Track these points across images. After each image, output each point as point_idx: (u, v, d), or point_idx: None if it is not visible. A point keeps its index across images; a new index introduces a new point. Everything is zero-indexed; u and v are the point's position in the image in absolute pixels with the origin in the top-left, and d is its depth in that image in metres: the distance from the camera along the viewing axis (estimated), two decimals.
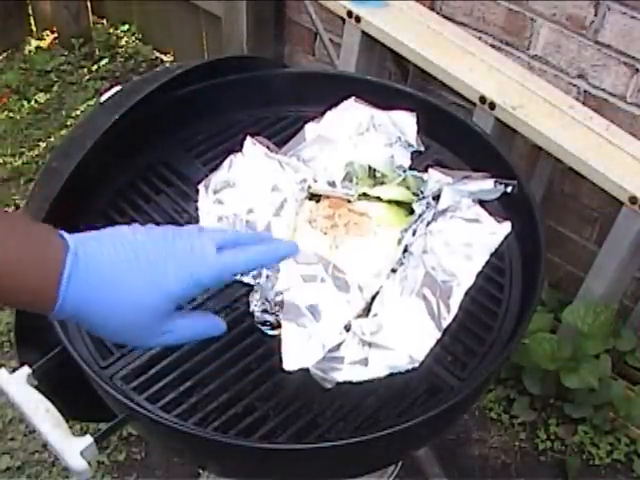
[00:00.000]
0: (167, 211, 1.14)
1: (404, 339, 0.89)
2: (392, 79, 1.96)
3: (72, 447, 0.88)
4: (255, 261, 0.77)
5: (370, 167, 1.10)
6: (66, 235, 0.71)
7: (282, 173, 1.06)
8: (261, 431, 0.91)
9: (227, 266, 0.74)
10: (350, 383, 0.86)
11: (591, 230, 1.84)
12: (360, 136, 1.11)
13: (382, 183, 1.10)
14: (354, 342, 0.89)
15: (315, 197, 1.08)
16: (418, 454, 1.58)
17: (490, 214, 0.99)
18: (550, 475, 1.76)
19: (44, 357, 0.96)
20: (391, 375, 0.87)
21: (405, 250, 0.99)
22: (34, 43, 2.84)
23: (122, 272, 0.71)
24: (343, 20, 1.83)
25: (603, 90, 1.65)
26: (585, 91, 1.68)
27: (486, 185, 1.02)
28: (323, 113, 1.14)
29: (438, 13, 1.83)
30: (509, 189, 1.01)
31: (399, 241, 1.01)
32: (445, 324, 0.90)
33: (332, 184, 1.07)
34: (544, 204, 1.82)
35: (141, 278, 0.71)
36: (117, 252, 0.71)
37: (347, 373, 0.87)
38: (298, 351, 0.87)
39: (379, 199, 1.07)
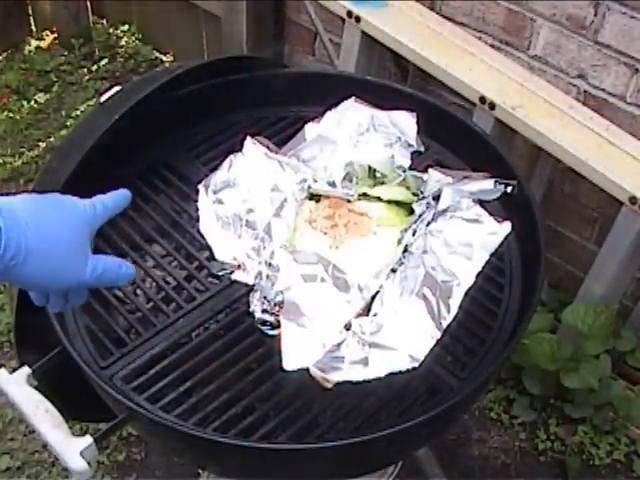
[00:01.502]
0: (167, 211, 1.14)
1: (404, 339, 0.89)
2: (392, 79, 1.96)
3: (72, 447, 0.88)
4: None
5: (370, 167, 1.10)
6: None
7: (282, 173, 1.06)
8: (261, 431, 0.91)
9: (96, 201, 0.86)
10: (350, 383, 0.86)
11: (591, 230, 1.84)
12: (360, 136, 1.11)
13: (382, 183, 1.10)
14: (354, 342, 0.89)
15: (315, 197, 1.08)
16: (418, 454, 1.58)
17: (490, 214, 0.99)
18: (550, 475, 1.76)
19: (44, 357, 0.96)
20: (391, 375, 0.87)
21: (405, 250, 0.99)
22: (34, 43, 2.83)
23: (41, 209, 0.79)
24: (343, 20, 1.83)
25: (603, 90, 1.65)
26: (585, 91, 1.68)
27: (486, 185, 1.02)
28: (323, 113, 1.14)
29: (438, 13, 1.83)
30: (509, 189, 1.01)
31: (399, 241, 1.01)
32: (445, 324, 0.90)
33: (332, 184, 1.07)
34: (544, 204, 1.82)
35: (57, 213, 0.80)
36: (26, 198, 0.80)
37: (347, 373, 0.87)
38: (298, 351, 0.87)
39: (379, 199, 1.07)
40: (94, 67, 2.76)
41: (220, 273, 0.99)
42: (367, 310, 0.93)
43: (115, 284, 0.90)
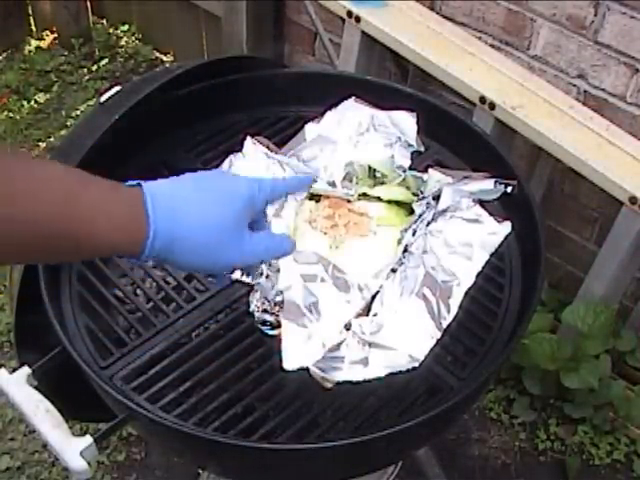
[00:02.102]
0: None
1: (404, 339, 0.89)
2: (392, 79, 1.96)
3: (72, 447, 0.88)
4: None
5: (370, 167, 1.09)
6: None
7: (282, 173, 1.06)
8: (261, 431, 0.91)
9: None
10: (350, 383, 0.86)
11: (591, 230, 1.84)
12: (360, 136, 1.11)
13: (382, 183, 1.10)
14: (354, 342, 0.89)
15: (315, 197, 1.08)
16: (418, 454, 1.57)
17: (490, 214, 0.99)
18: (550, 475, 1.76)
19: (44, 357, 0.96)
20: (391, 375, 0.87)
21: (405, 250, 0.99)
22: (34, 43, 2.84)
23: (195, 193, 0.78)
24: (343, 20, 1.83)
25: (603, 90, 1.65)
26: (585, 91, 1.68)
27: (486, 185, 1.02)
28: (323, 113, 1.14)
29: (438, 13, 1.83)
30: (509, 189, 1.01)
31: (399, 241, 1.01)
32: (445, 324, 0.90)
33: (332, 184, 1.07)
34: (544, 204, 1.82)
35: (212, 195, 0.79)
36: (184, 181, 0.80)
37: (347, 373, 0.87)
38: (298, 350, 0.87)
39: (379, 199, 1.07)
40: (94, 67, 2.76)
41: None
42: (367, 310, 0.93)
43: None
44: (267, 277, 0.96)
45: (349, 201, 1.07)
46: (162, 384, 0.95)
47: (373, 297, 0.94)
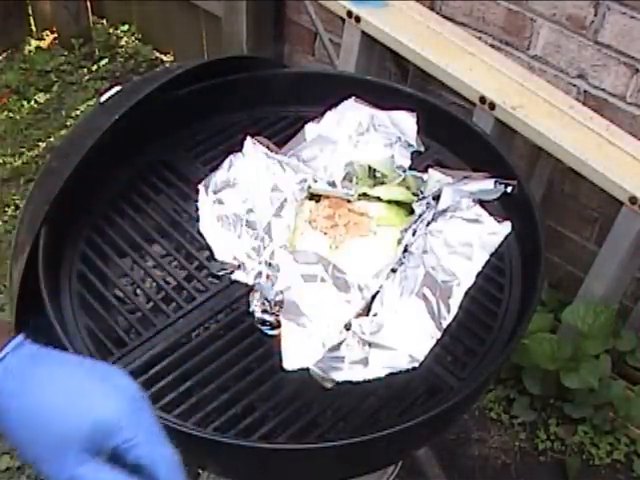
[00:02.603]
0: (167, 211, 1.14)
1: (404, 339, 0.89)
2: (392, 79, 1.96)
3: None
4: None
5: (370, 167, 1.10)
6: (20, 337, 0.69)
7: (282, 173, 1.06)
8: (261, 431, 0.91)
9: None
10: (350, 383, 0.86)
11: (591, 230, 1.84)
12: (360, 136, 1.11)
13: (382, 183, 1.10)
14: (354, 342, 0.89)
15: (315, 197, 1.08)
16: (418, 454, 1.57)
17: (490, 214, 0.99)
18: (550, 475, 1.76)
19: None
20: (391, 375, 0.87)
21: (405, 250, 0.99)
22: (34, 43, 2.83)
23: (46, 387, 0.68)
24: (343, 20, 1.83)
25: (603, 90, 1.65)
26: (585, 91, 1.68)
27: (486, 185, 1.02)
28: (323, 113, 1.14)
29: (438, 13, 1.83)
30: (509, 189, 1.01)
31: (399, 241, 1.01)
32: (445, 324, 0.90)
33: (332, 184, 1.07)
34: (544, 204, 1.82)
35: (60, 398, 0.68)
36: (52, 369, 0.69)
37: (347, 373, 0.87)
38: (298, 350, 0.87)
39: (379, 199, 1.07)
40: (94, 67, 2.76)
41: (220, 273, 0.99)
42: (367, 310, 0.93)
43: None
44: (267, 277, 0.96)
45: (349, 201, 1.07)
46: (162, 384, 0.95)
47: (373, 297, 0.94)
